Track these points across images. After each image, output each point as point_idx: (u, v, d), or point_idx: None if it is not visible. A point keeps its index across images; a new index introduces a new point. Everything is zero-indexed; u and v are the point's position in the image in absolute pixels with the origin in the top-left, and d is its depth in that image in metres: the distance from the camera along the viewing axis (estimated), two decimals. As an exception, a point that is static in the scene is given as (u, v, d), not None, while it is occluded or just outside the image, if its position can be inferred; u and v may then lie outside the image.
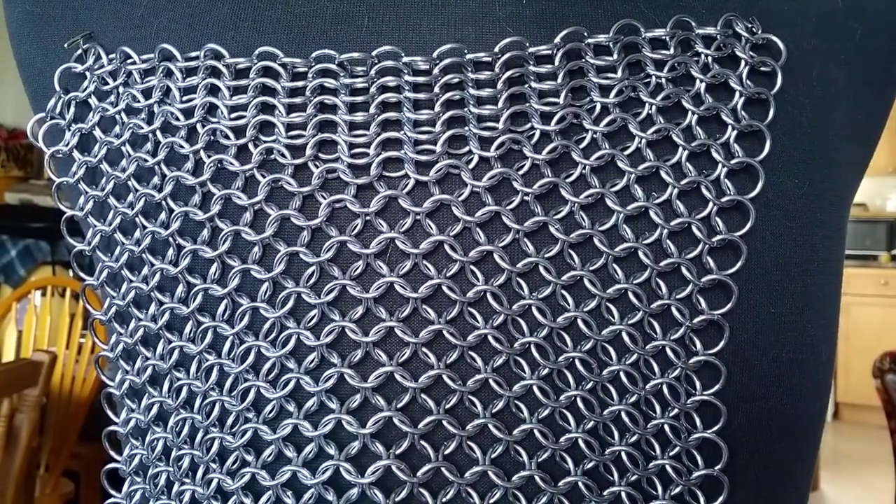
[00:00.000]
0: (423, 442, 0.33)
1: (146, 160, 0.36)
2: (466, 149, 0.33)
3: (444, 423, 0.33)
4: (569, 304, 0.33)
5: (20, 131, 4.20)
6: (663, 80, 0.33)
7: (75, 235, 0.39)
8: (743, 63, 0.34)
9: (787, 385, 0.35)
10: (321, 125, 0.34)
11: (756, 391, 0.34)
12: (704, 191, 0.33)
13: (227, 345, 0.35)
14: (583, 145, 0.33)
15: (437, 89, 0.34)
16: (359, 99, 0.34)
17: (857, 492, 3.60)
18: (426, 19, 0.36)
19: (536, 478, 0.33)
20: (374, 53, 0.34)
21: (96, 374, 1.75)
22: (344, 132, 0.34)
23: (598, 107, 0.33)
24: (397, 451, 0.33)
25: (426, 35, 0.35)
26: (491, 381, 0.33)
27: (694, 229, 0.33)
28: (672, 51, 0.34)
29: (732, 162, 0.33)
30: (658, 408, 0.33)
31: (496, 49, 0.34)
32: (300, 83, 0.35)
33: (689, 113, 0.33)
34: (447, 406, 0.33)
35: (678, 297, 0.33)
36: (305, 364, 0.34)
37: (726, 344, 0.33)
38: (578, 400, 0.33)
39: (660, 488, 0.33)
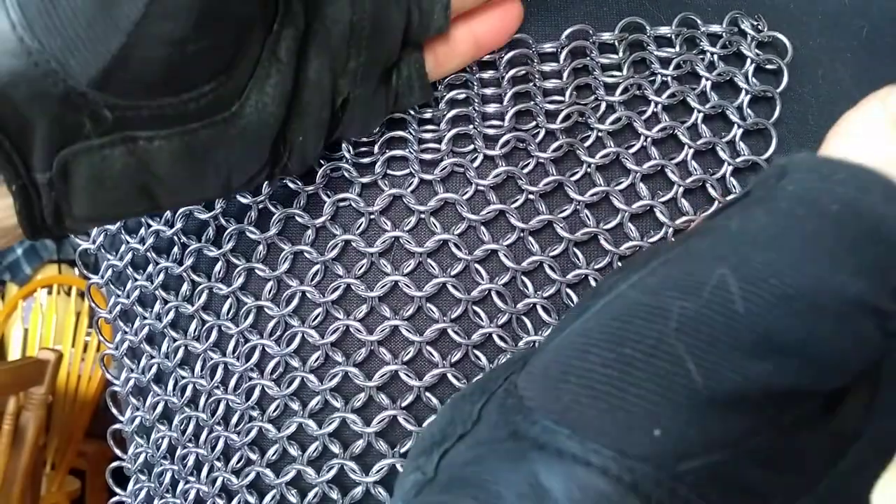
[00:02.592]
0: (427, 441, 0.33)
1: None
2: (471, 147, 0.33)
3: (449, 421, 0.33)
4: (573, 303, 0.33)
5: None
6: (669, 78, 0.33)
7: (81, 234, 0.39)
8: (749, 61, 0.34)
9: None
10: (326, 124, 0.34)
11: None
12: (710, 189, 0.33)
13: (232, 343, 0.35)
14: (588, 143, 0.33)
15: (441, 87, 0.34)
16: (363, 97, 0.34)
17: (863, 491, 3.59)
18: None
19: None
20: None
21: (102, 372, 1.75)
22: (348, 131, 0.34)
23: (604, 105, 0.33)
24: (402, 450, 0.33)
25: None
26: (495, 379, 0.33)
27: (699, 228, 0.33)
28: (677, 49, 0.34)
29: (738, 160, 0.33)
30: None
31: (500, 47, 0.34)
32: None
33: (695, 111, 0.33)
34: (452, 405, 0.33)
35: (683, 295, 0.33)
36: (310, 363, 0.34)
37: None
38: (583, 399, 0.33)
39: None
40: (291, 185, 0.34)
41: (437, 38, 0.32)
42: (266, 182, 0.31)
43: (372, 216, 0.34)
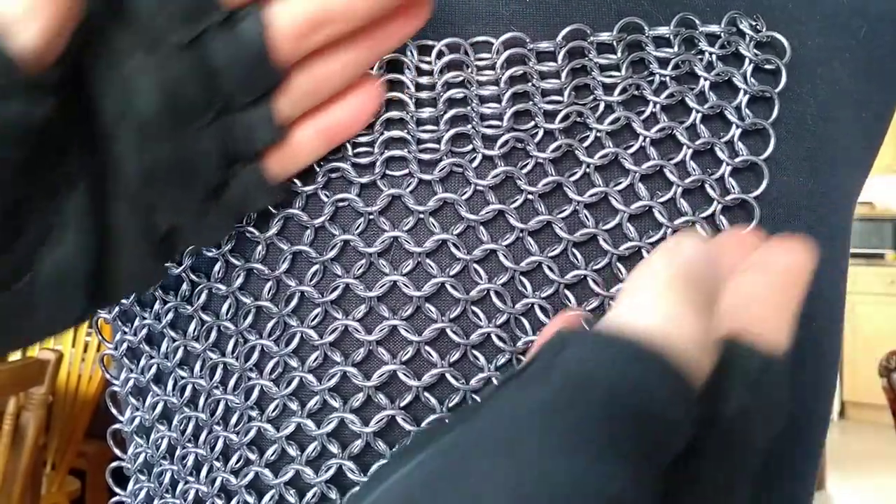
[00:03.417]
0: (426, 440, 0.33)
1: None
2: (470, 147, 0.33)
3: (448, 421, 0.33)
4: (572, 303, 0.33)
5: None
6: (667, 78, 0.33)
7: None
8: (747, 61, 0.34)
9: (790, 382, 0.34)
10: (324, 124, 0.34)
11: None
12: (709, 189, 0.33)
13: (231, 343, 0.35)
14: (586, 144, 0.33)
15: (439, 87, 0.34)
16: (362, 97, 0.34)
17: (864, 491, 3.59)
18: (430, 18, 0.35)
19: (540, 476, 0.33)
20: None
21: (102, 372, 1.76)
22: (347, 131, 0.34)
23: (602, 105, 0.33)
24: (401, 450, 0.34)
25: (429, 34, 0.35)
26: (494, 379, 0.33)
27: (698, 227, 0.33)
28: (676, 49, 0.34)
29: (737, 160, 0.33)
30: (662, 407, 0.33)
31: (497, 46, 0.34)
32: (303, 82, 0.35)
33: (693, 111, 0.33)
34: (450, 404, 0.33)
35: (682, 295, 0.33)
36: (309, 362, 0.34)
37: None
38: (582, 399, 0.33)
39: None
40: (290, 186, 0.34)
41: (274, 146, 0.30)
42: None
43: (371, 216, 0.34)
